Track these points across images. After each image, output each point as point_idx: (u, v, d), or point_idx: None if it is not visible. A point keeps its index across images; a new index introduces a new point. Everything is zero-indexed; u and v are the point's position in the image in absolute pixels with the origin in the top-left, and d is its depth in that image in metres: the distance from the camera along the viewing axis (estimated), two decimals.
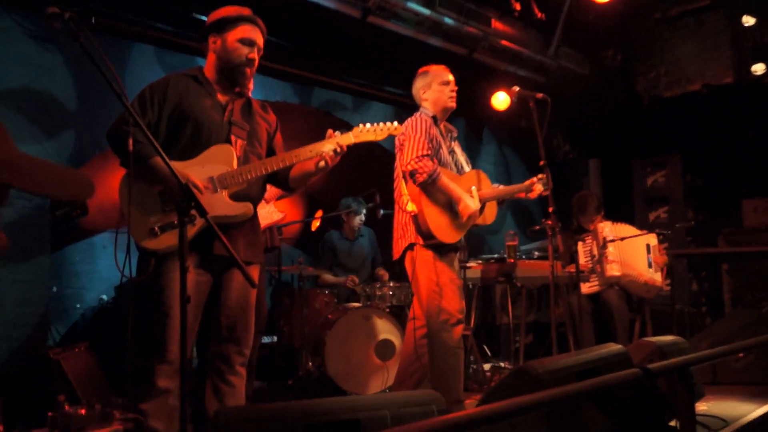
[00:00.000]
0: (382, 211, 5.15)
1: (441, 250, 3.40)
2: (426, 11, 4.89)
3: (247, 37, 2.57)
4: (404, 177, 3.44)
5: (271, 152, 2.72)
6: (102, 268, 5.77)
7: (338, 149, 2.55)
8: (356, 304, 4.77)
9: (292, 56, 5.02)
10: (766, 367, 4.13)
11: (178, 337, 2.27)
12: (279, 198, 3.89)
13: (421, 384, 3.51)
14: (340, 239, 5.86)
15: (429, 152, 3.35)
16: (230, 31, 2.56)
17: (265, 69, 5.03)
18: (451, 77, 3.61)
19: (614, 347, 2.58)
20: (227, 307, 2.50)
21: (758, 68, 6.06)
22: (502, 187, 3.72)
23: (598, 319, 4.98)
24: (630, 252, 4.97)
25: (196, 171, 2.41)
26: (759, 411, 3.35)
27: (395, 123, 2.67)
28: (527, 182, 3.65)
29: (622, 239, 4.88)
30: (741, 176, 6.75)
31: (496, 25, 5.60)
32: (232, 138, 2.54)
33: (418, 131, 3.40)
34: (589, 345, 4.68)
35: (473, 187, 3.52)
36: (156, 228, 2.34)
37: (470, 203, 3.39)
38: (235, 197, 2.47)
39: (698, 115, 6.71)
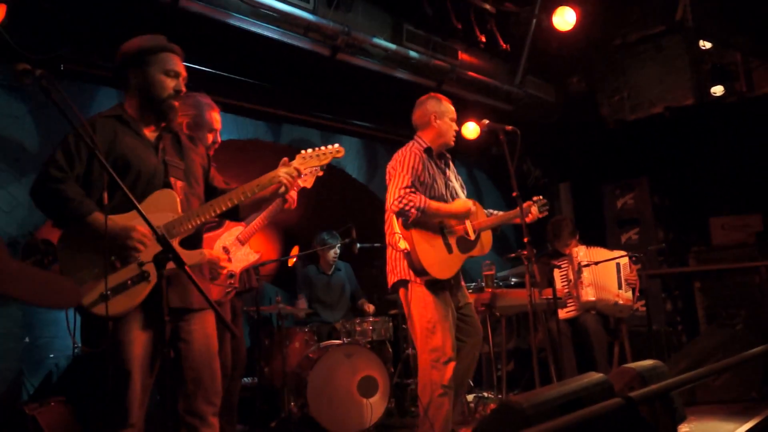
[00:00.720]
0: (358, 245, 5.15)
1: (435, 286, 3.38)
2: (393, 46, 4.97)
3: (171, 69, 2.46)
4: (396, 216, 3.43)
5: (208, 188, 2.63)
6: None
7: (294, 173, 2.55)
8: (337, 342, 4.74)
9: (264, 95, 5.05)
10: (743, 384, 4.19)
11: (139, 400, 2.24)
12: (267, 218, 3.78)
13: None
14: (317, 273, 5.85)
15: (412, 188, 3.34)
16: (151, 63, 2.44)
17: (237, 108, 5.06)
18: (456, 116, 3.68)
19: (595, 376, 2.60)
20: (190, 360, 2.39)
21: (717, 90, 6.24)
22: (497, 214, 3.71)
23: (578, 343, 5.02)
24: (603, 274, 5.04)
25: (141, 221, 2.26)
26: (740, 430, 3.39)
27: (336, 145, 2.72)
28: (524, 205, 3.64)
29: (596, 263, 4.94)
30: (707, 195, 6.93)
31: (463, 56, 5.71)
32: (171, 180, 2.44)
33: (403, 168, 3.40)
34: (570, 370, 4.71)
35: (467, 221, 3.52)
36: (108, 291, 2.19)
37: (461, 202, 3.44)
38: (182, 242, 2.38)
39: (662, 137, 6.87)
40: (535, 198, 3.76)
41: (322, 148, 2.70)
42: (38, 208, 2.28)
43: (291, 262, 6.09)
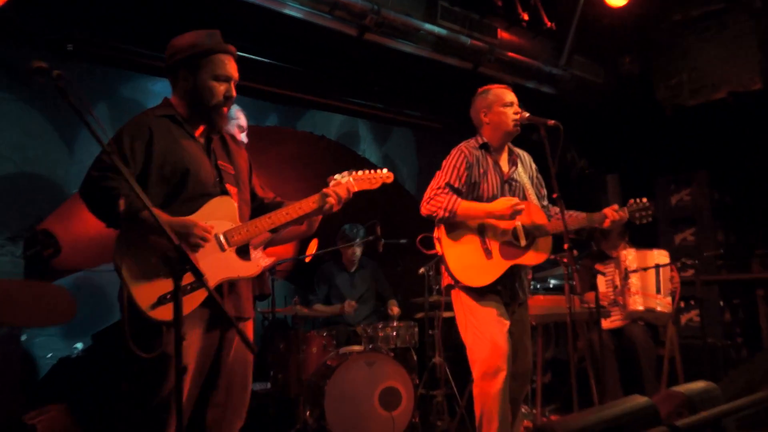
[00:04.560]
0: (383, 241, 5.24)
1: (479, 291, 3.47)
2: (427, 25, 5.03)
3: (223, 73, 2.59)
4: None
5: (252, 195, 2.81)
6: (77, 312, 5.84)
7: (344, 195, 2.75)
8: (357, 348, 4.85)
9: (285, 78, 5.14)
10: None
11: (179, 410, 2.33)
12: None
13: None
14: (339, 271, 5.95)
15: (445, 189, 3.48)
16: (203, 66, 2.56)
17: (256, 91, 5.16)
18: (513, 98, 3.69)
19: (639, 400, 2.66)
20: (227, 368, 2.57)
21: None
22: (575, 216, 3.63)
23: (624, 356, 5.07)
24: (648, 279, 5.03)
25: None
26: None
27: (385, 170, 2.98)
28: (608, 209, 3.61)
29: (645, 269, 4.95)
30: None
31: (503, 35, 5.74)
32: (228, 186, 2.61)
33: (444, 168, 3.58)
34: (613, 387, 4.76)
35: (518, 223, 3.52)
36: (168, 295, 2.31)
37: (503, 200, 3.43)
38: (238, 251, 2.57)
39: (725, 126, 6.81)
40: (630, 201, 3.69)
41: (373, 172, 2.94)
42: (89, 209, 2.40)
43: (308, 258, 6.20)
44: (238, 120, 3.75)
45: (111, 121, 4.53)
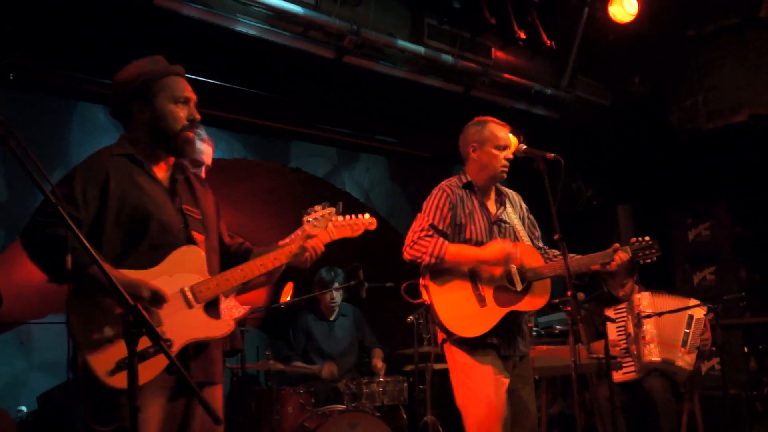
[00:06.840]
0: (366, 286, 5.26)
1: (474, 344, 3.48)
2: (411, 46, 5.12)
3: (182, 95, 2.61)
4: None
5: (219, 241, 2.80)
6: (21, 370, 5.81)
7: (320, 247, 2.77)
8: (339, 407, 4.86)
9: (255, 105, 5.20)
10: None
11: None
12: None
13: None
14: (316, 320, 5.96)
15: (430, 232, 3.52)
16: (158, 93, 2.57)
17: (221, 121, 5.21)
18: (509, 141, 3.73)
19: None
20: None
21: None
22: (575, 257, 3.66)
23: (638, 411, 5.07)
24: (669, 327, 5.05)
25: (164, 282, 2.43)
26: None
27: (366, 215, 3.02)
28: (609, 249, 3.65)
29: (659, 314, 4.98)
30: None
31: (498, 55, 5.85)
32: (194, 234, 2.60)
33: (426, 208, 3.61)
34: None
35: (513, 266, 3.55)
36: (125, 360, 2.22)
37: (495, 246, 3.47)
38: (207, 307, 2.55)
39: (746, 151, 6.90)
40: (633, 239, 3.74)
41: (354, 218, 2.97)
42: (31, 258, 2.36)
43: (283, 306, 6.21)
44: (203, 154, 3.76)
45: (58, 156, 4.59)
